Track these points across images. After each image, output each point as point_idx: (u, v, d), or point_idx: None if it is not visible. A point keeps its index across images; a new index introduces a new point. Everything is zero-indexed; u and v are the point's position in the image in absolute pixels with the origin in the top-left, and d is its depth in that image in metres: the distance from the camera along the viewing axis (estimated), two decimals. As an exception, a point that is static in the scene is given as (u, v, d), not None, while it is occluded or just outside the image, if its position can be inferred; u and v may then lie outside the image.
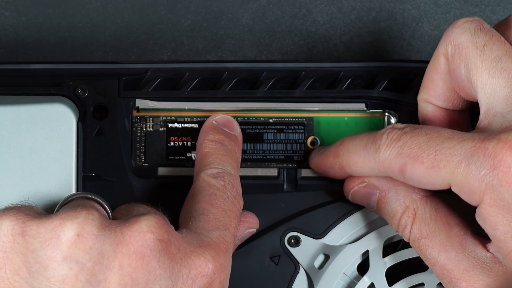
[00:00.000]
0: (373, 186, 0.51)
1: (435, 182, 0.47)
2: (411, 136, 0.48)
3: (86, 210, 0.45)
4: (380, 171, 0.49)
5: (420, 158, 0.47)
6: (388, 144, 0.48)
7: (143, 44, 0.66)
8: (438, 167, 0.46)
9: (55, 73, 0.55)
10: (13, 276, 0.44)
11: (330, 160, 0.52)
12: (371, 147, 0.49)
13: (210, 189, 0.50)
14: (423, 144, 0.47)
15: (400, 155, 0.47)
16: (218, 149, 0.52)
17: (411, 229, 0.49)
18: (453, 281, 0.48)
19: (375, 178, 0.51)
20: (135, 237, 0.45)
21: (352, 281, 0.54)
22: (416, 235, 0.49)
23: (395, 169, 0.48)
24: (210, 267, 0.46)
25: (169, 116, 0.56)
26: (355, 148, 0.50)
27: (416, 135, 0.47)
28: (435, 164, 0.46)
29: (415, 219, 0.49)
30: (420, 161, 0.47)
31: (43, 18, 0.65)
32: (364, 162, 0.49)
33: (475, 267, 0.47)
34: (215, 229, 0.48)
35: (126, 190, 0.54)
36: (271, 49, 0.66)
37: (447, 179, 0.46)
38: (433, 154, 0.46)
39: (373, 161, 0.49)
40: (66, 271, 0.44)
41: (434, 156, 0.46)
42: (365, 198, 0.51)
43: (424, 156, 0.47)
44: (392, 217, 0.50)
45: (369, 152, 0.49)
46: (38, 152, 0.52)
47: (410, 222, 0.50)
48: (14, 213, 0.45)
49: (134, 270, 0.44)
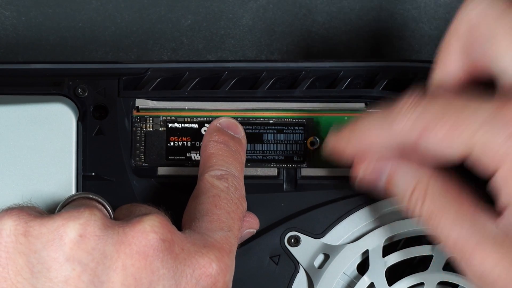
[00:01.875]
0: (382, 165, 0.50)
1: (452, 151, 0.45)
2: (428, 104, 0.46)
3: (88, 210, 0.45)
4: (396, 141, 0.47)
5: (439, 125, 0.45)
6: (404, 113, 0.47)
7: (143, 44, 0.66)
8: (456, 133, 0.45)
9: (55, 73, 0.55)
10: (16, 277, 0.44)
11: (346, 137, 0.50)
12: (387, 119, 0.48)
13: (214, 190, 0.50)
14: (440, 111, 0.46)
15: (417, 123, 0.46)
16: (222, 150, 0.52)
17: (423, 205, 0.48)
18: (465, 257, 0.47)
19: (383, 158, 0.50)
20: (138, 237, 0.45)
21: (352, 281, 0.54)
22: (428, 211, 0.48)
23: (412, 137, 0.46)
24: (214, 267, 0.46)
25: (169, 116, 0.56)
26: (370, 122, 0.49)
27: (433, 103, 0.46)
28: (454, 131, 0.45)
29: (426, 194, 0.48)
30: (438, 128, 0.45)
31: (43, 18, 0.65)
32: (379, 134, 0.48)
33: (486, 242, 0.46)
34: (219, 230, 0.48)
35: (126, 190, 0.54)
36: (271, 49, 0.66)
37: (465, 145, 0.45)
38: (452, 121, 0.45)
39: (389, 132, 0.47)
40: (69, 272, 0.44)
41: (452, 122, 0.45)
42: (374, 180, 0.50)
43: (442, 124, 0.45)
44: (403, 194, 0.49)
45: (385, 123, 0.48)
46: (38, 152, 0.52)
47: (421, 198, 0.48)
48: (17, 213, 0.45)
49: (138, 270, 0.44)
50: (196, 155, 0.55)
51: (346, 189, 0.54)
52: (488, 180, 0.46)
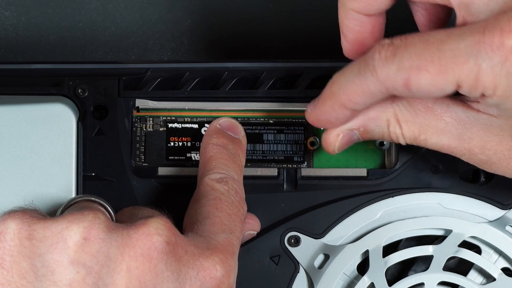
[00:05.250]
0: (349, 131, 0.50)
1: (444, 88, 0.45)
2: (406, 48, 0.45)
3: (92, 213, 0.45)
4: (383, 92, 0.46)
5: (424, 67, 0.45)
6: (384, 62, 0.46)
7: (143, 44, 0.66)
8: (445, 71, 0.44)
9: (55, 73, 0.55)
10: (20, 280, 0.44)
11: (328, 104, 0.49)
12: (366, 71, 0.46)
13: (215, 193, 0.50)
14: (421, 52, 0.45)
15: (401, 69, 0.45)
16: (221, 153, 0.52)
17: (403, 134, 0.49)
18: (466, 154, 0.48)
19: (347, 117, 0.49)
20: (143, 240, 0.45)
21: (352, 281, 0.54)
22: (411, 135, 0.49)
23: (399, 85, 0.45)
24: (219, 270, 0.46)
25: (169, 116, 0.56)
26: (348, 80, 0.47)
27: (411, 44, 0.45)
28: (442, 69, 0.44)
29: (400, 124, 0.49)
30: (425, 71, 0.45)
31: (43, 18, 0.65)
32: (364, 89, 0.47)
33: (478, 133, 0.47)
34: (221, 232, 0.48)
35: (126, 190, 0.54)
36: (271, 49, 0.66)
37: (456, 81, 0.45)
38: (437, 60, 0.45)
39: (373, 84, 0.46)
40: (73, 275, 0.44)
41: (438, 61, 0.44)
42: (349, 143, 0.51)
43: (427, 65, 0.45)
44: (382, 136, 0.50)
45: (365, 76, 0.46)
46: (38, 152, 0.52)
47: (398, 130, 0.49)
48: (20, 216, 0.45)
49: (142, 273, 0.44)
50: (196, 155, 0.55)
51: (346, 189, 0.54)
52: None
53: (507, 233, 0.54)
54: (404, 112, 0.49)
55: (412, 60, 0.45)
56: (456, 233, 0.53)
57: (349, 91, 0.47)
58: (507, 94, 0.44)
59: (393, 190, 0.54)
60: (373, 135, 0.50)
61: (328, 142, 0.51)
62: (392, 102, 0.49)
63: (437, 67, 0.45)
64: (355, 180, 0.54)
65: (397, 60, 0.45)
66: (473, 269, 0.54)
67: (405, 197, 0.54)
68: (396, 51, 0.45)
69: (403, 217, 0.54)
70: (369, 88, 0.46)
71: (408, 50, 0.45)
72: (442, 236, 0.54)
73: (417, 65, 0.45)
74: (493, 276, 0.54)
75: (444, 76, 0.45)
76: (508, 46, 0.43)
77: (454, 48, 0.44)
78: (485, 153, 0.48)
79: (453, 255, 0.54)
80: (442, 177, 0.54)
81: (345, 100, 0.48)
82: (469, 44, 0.44)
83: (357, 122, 0.50)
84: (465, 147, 0.48)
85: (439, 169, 0.54)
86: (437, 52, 0.45)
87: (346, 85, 0.47)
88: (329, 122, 0.50)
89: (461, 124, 0.48)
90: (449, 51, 0.44)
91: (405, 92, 0.46)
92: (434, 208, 0.54)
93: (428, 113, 0.48)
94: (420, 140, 0.49)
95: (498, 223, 0.54)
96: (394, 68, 0.45)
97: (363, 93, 0.47)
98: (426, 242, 0.54)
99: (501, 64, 0.43)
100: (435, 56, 0.45)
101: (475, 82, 0.44)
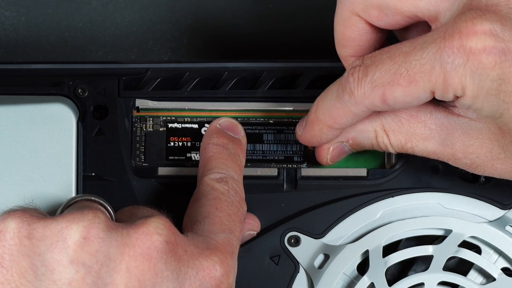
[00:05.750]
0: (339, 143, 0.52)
1: (418, 96, 0.47)
2: (375, 66, 0.47)
3: (92, 212, 0.45)
4: (365, 111, 0.49)
5: (396, 81, 0.47)
6: (358, 84, 0.48)
7: (143, 44, 0.66)
8: (415, 81, 0.46)
9: (55, 73, 0.55)
10: (20, 279, 0.44)
11: (316, 128, 0.51)
12: (344, 95, 0.49)
13: (215, 193, 0.50)
14: (390, 67, 0.47)
15: (375, 88, 0.47)
16: (221, 153, 0.52)
17: (391, 143, 0.51)
18: (451, 158, 0.50)
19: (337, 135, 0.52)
20: (142, 239, 0.45)
21: (352, 281, 0.54)
22: (398, 144, 0.51)
23: (377, 101, 0.48)
24: (218, 269, 0.46)
25: (169, 116, 0.56)
26: (330, 105, 0.50)
27: (379, 61, 0.47)
28: (412, 80, 0.46)
29: (387, 134, 0.51)
30: (396, 84, 0.47)
31: (43, 18, 0.65)
32: (346, 112, 0.49)
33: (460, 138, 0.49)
34: (220, 232, 0.48)
35: (126, 190, 0.54)
36: (271, 49, 0.66)
37: (428, 87, 0.46)
38: (405, 72, 0.46)
39: (353, 106, 0.49)
40: (72, 274, 0.44)
41: (407, 73, 0.46)
42: (342, 154, 0.53)
43: (398, 78, 0.47)
44: (373, 147, 0.52)
45: (344, 100, 0.49)
46: (38, 152, 0.52)
47: (386, 139, 0.51)
48: (20, 215, 0.45)
49: (141, 272, 0.44)
50: (196, 155, 0.55)
51: (346, 189, 0.54)
52: None
53: (507, 233, 0.54)
54: (390, 122, 0.51)
55: (383, 77, 0.47)
56: (456, 233, 0.53)
57: (333, 115, 0.50)
58: (476, 94, 0.45)
59: (393, 190, 0.54)
60: (363, 146, 0.52)
61: (320, 155, 0.53)
62: (378, 113, 0.51)
63: (407, 78, 0.46)
64: (355, 180, 0.54)
65: (369, 79, 0.47)
66: (473, 269, 0.54)
67: (405, 197, 0.54)
68: (367, 70, 0.48)
69: (403, 217, 0.54)
70: (351, 110, 0.49)
71: (378, 67, 0.47)
72: (442, 236, 0.54)
73: (388, 81, 0.47)
74: (493, 276, 0.54)
75: (415, 86, 0.46)
76: (468, 47, 0.45)
77: (419, 57, 0.46)
78: (468, 157, 0.49)
79: (453, 255, 0.54)
80: (442, 177, 0.54)
81: (331, 123, 0.50)
82: (432, 51, 0.46)
83: (346, 135, 0.52)
84: (449, 152, 0.50)
85: (439, 169, 0.54)
86: (404, 64, 0.46)
87: (329, 110, 0.50)
88: (321, 142, 0.52)
89: (444, 130, 0.50)
90: (414, 61, 0.46)
91: (384, 107, 0.48)
92: (434, 208, 0.54)
93: (412, 121, 0.50)
94: (407, 148, 0.51)
95: (498, 223, 0.54)
96: (369, 87, 0.47)
97: (346, 115, 0.49)
98: (426, 242, 0.54)
99: (464, 65, 0.45)
100: (403, 68, 0.46)
101: (444, 86, 0.46)
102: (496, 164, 0.49)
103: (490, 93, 0.45)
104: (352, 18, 0.50)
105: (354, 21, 0.50)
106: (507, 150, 0.48)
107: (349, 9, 0.50)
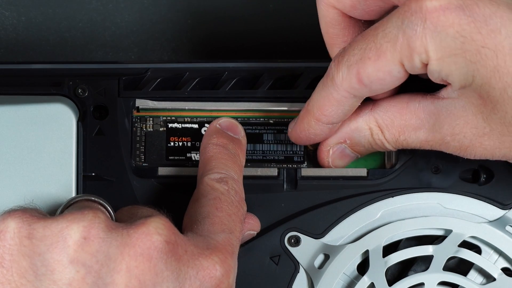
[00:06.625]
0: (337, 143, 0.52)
1: (390, 70, 0.47)
2: (350, 47, 0.48)
3: (92, 212, 0.45)
4: (346, 96, 0.49)
5: (366, 56, 0.47)
6: (336, 67, 0.49)
7: (143, 44, 0.66)
8: (383, 53, 0.47)
9: (55, 73, 0.55)
10: (20, 279, 0.44)
11: (305, 121, 0.52)
12: (327, 81, 0.50)
13: (215, 193, 0.50)
14: (361, 45, 0.48)
15: (349, 67, 0.48)
16: (221, 153, 0.52)
17: (386, 139, 0.51)
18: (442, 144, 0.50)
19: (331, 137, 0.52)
20: (142, 239, 0.45)
21: (352, 281, 0.54)
22: (392, 138, 0.51)
23: (354, 82, 0.48)
24: (218, 269, 0.46)
25: (169, 116, 0.56)
26: (317, 95, 0.51)
27: (354, 42, 0.48)
28: (380, 53, 0.47)
29: (381, 129, 0.51)
30: (367, 58, 0.47)
31: (43, 18, 0.65)
32: (330, 100, 0.50)
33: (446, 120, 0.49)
34: (220, 232, 0.48)
35: (126, 190, 0.54)
36: (271, 48, 0.66)
37: (396, 58, 0.47)
38: (373, 44, 0.47)
39: (335, 92, 0.49)
40: (73, 274, 0.44)
41: (374, 46, 0.47)
42: (343, 157, 0.53)
43: (368, 53, 0.47)
44: (371, 146, 0.52)
45: (327, 87, 0.50)
46: (38, 152, 0.52)
47: (381, 135, 0.51)
48: (20, 215, 0.45)
49: (142, 272, 0.44)
50: (196, 155, 0.55)
51: (346, 189, 0.54)
52: None
53: (507, 233, 0.54)
54: (383, 117, 0.51)
55: (356, 54, 0.48)
56: (456, 233, 0.53)
57: (320, 105, 0.51)
58: (440, 55, 0.46)
59: (393, 190, 0.54)
60: (362, 146, 0.53)
61: (320, 158, 0.54)
62: (370, 110, 0.51)
63: (375, 51, 0.47)
64: (355, 180, 0.54)
65: (345, 60, 0.48)
66: (473, 269, 0.54)
67: (405, 197, 0.54)
68: (344, 53, 0.49)
69: (403, 217, 0.54)
70: (334, 96, 0.50)
71: (352, 48, 0.48)
72: (442, 236, 0.54)
73: (360, 57, 0.48)
74: (493, 276, 0.54)
75: (383, 57, 0.47)
76: (425, 7, 0.45)
77: (384, 28, 0.47)
78: (456, 138, 0.49)
79: (453, 255, 0.54)
80: (442, 177, 0.54)
81: (318, 114, 0.51)
82: (394, 20, 0.46)
83: (342, 135, 0.52)
84: (438, 137, 0.50)
85: (439, 169, 0.54)
86: (372, 38, 0.47)
87: (317, 100, 0.51)
88: (309, 139, 0.52)
89: (432, 116, 0.50)
90: (381, 33, 0.47)
91: (362, 88, 0.48)
92: (434, 208, 0.54)
93: (403, 113, 0.51)
94: (401, 140, 0.51)
95: (498, 223, 0.54)
96: (345, 68, 0.48)
97: (330, 103, 0.50)
98: (426, 242, 0.54)
99: (422, 26, 0.45)
100: (371, 42, 0.47)
101: (408, 52, 0.46)
102: (484, 142, 0.49)
103: (454, 53, 0.45)
104: (329, 12, 0.51)
105: (332, 14, 0.51)
106: (491, 121, 0.48)
107: (325, 2, 0.51)
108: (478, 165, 0.55)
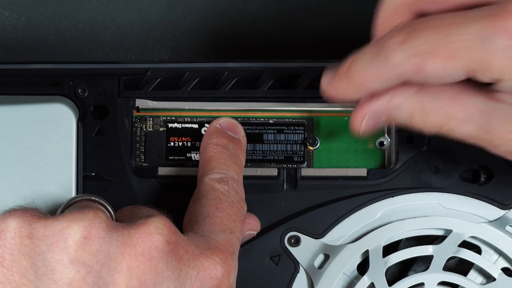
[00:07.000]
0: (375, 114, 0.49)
1: (454, 73, 0.45)
2: (419, 33, 0.46)
3: (93, 212, 0.45)
4: (395, 77, 0.47)
5: (435, 53, 0.45)
6: (394, 49, 0.46)
7: (143, 44, 0.66)
8: (455, 56, 0.45)
9: (55, 73, 0.55)
10: (20, 279, 0.44)
11: (344, 84, 0.49)
12: (378, 58, 0.47)
13: (215, 193, 0.50)
14: (431, 38, 0.45)
15: (412, 55, 0.45)
16: (221, 153, 0.52)
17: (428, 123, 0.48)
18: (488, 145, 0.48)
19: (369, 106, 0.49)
20: (143, 239, 0.45)
21: (352, 281, 0.54)
22: (435, 125, 0.48)
23: (410, 70, 0.46)
24: (219, 269, 0.46)
25: (169, 116, 0.56)
26: (362, 64, 0.48)
27: (422, 29, 0.46)
28: (451, 54, 0.45)
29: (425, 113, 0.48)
30: (436, 56, 0.45)
31: (43, 18, 0.65)
32: (377, 76, 0.47)
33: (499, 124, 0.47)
34: (221, 232, 0.48)
35: (126, 190, 0.54)
36: (271, 49, 0.66)
37: (466, 65, 0.45)
38: (446, 45, 0.45)
39: (386, 71, 0.47)
40: (73, 274, 0.44)
41: (446, 46, 0.45)
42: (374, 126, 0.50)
43: (437, 50, 0.45)
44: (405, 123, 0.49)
45: (378, 63, 0.47)
46: (38, 152, 0.52)
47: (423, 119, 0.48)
48: (20, 214, 0.45)
49: (142, 272, 0.44)
50: (196, 155, 0.55)
51: (346, 189, 0.54)
52: None
53: (507, 233, 0.54)
54: (430, 102, 0.48)
55: (422, 46, 0.45)
56: (456, 233, 0.54)
57: (364, 76, 0.48)
58: None
59: (393, 190, 0.54)
60: (397, 121, 0.50)
61: (354, 125, 0.50)
62: (417, 91, 0.49)
63: (447, 51, 0.45)
64: (355, 180, 0.54)
65: (407, 46, 0.46)
66: (473, 269, 0.54)
67: (405, 197, 0.54)
68: (409, 36, 0.46)
69: (403, 217, 0.54)
70: (383, 74, 0.47)
71: (421, 35, 0.45)
72: (442, 236, 0.54)
73: (428, 51, 0.45)
74: (493, 276, 0.54)
75: (454, 60, 0.45)
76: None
77: (462, 32, 0.44)
78: (507, 144, 0.47)
79: (453, 255, 0.54)
80: (442, 177, 0.54)
81: (360, 83, 0.48)
82: (479, 29, 0.44)
83: (382, 107, 0.49)
84: (486, 138, 0.48)
85: (439, 169, 0.55)
86: (445, 33, 0.45)
87: (361, 70, 0.48)
88: (342, 99, 0.49)
89: (483, 115, 0.48)
90: (457, 36, 0.45)
91: (415, 77, 0.46)
92: (434, 208, 0.54)
93: (452, 103, 0.48)
94: (444, 130, 0.49)
95: (498, 223, 0.54)
96: (408, 53, 0.46)
97: (376, 79, 0.47)
98: (426, 242, 0.54)
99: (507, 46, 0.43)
100: (444, 38, 0.45)
101: (483, 66, 0.44)
102: None
103: None
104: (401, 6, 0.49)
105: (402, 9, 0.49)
106: None
107: None
108: (478, 165, 0.55)
